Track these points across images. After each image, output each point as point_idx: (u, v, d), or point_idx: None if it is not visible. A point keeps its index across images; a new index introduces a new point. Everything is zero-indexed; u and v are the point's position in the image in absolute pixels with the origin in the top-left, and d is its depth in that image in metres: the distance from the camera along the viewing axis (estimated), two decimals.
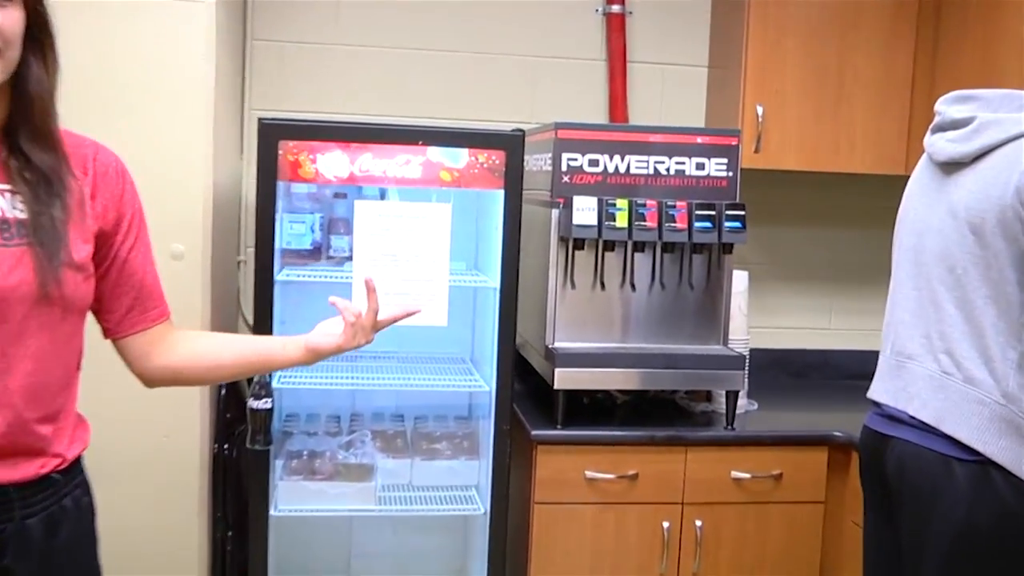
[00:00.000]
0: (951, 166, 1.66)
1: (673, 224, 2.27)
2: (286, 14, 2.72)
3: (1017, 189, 1.50)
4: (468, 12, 2.80)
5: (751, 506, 2.36)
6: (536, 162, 2.49)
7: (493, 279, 2.32)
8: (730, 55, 2.71)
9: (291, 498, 2.32)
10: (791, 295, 3.02)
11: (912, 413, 1.66)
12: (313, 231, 2.42)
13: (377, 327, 1.45)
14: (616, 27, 2.80)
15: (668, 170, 2.33)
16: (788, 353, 2.99)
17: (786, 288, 3.02)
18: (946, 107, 1.70)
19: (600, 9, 2.83)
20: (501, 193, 2.26)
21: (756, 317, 2.92)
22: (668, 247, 2.36)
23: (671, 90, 2.91)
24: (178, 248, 2.17)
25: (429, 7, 2.78)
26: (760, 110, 2.56)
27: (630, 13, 2.83)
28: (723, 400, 2.42)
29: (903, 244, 1.78)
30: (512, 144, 2.25)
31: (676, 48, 2.90)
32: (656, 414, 2.48)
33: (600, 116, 2.87)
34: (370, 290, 1.41)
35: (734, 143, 2.36)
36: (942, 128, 1.70)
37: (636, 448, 2.31)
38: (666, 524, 2.32)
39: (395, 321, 1.48)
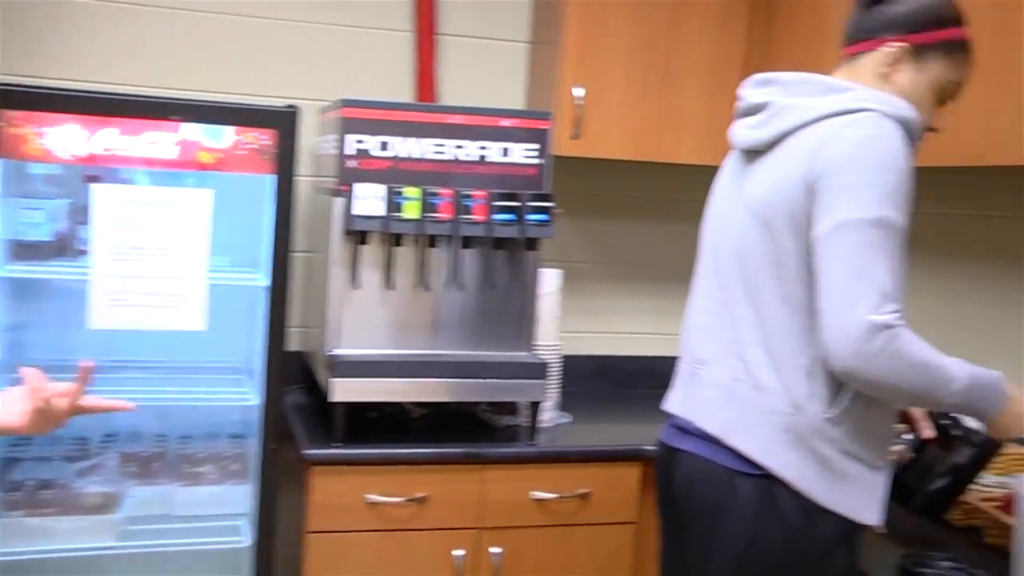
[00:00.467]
0: (751, 155, 1.58)
1: (470, 216, 2.04)
2: None
3: (804, 181, 1.42)
4: None
5: (555, 529, 2.16)
6: (326, 145, 2.21)
7: (265, 277, 2.03)
8: (552, 30, 2.48)
9: (9, 538, 1.95)
10: (618, 296, 2.82)
11: (700, 424, 1.58)
12: (56, 220, 2.07)
13: (77, 412, 1.27)
14: None
15: (469, 156, 2.09)
16: (612, 360, 2.81)
17: (613, 289, 2.81)
18: (747, 91, 1.63)
19: None
20: (268, 179, 1.96)
21: (578, 320, 2.75)
22: (467, 242, 2.11)
23: (488, 68, 2.65)
24: None
25: None
26: (580, 92, 2.35)
27: None
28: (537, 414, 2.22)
29: (705, 241, 1.69)
30: (284, 122, 1.97)
31: (495, 20, 2.64)
32: (455, 429, 2.25)
33: (407, 95, 2.59)
34: (84, 374, 1.23)
35: (545, 127, 2.14)
36: (743, 114, 1.62)
37: (425, 468, 2.07)
38: (459, 552, 2.09)
39: (103, 410, 1.32)
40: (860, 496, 1.49)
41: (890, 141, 1.40)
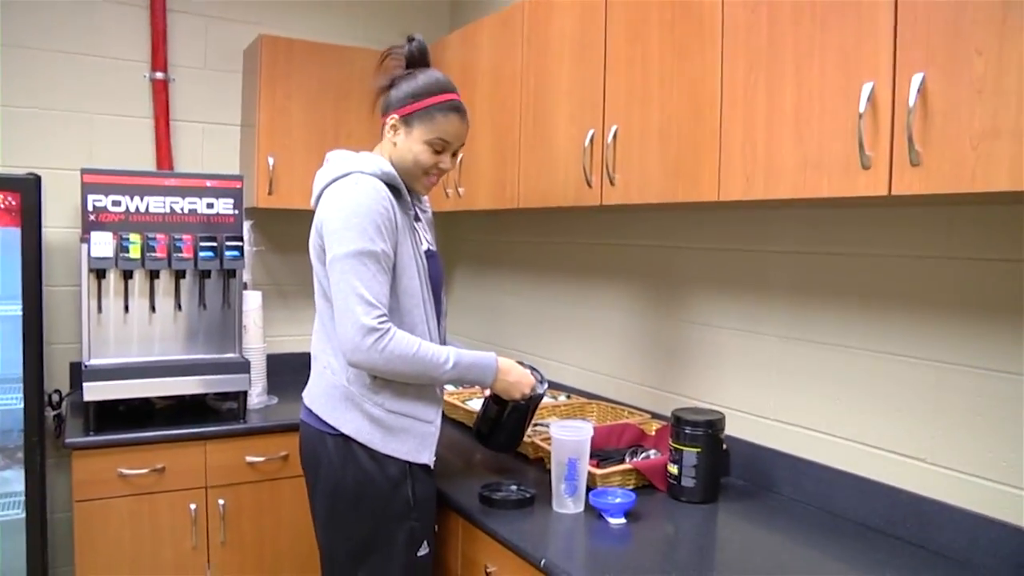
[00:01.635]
0: None
1: (180, 254, 2.74)
2: None
3: (317, 230, 1.92)
4: (32, 73, 3.10)
5: (265, 483, 2.86)
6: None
7: (16, 307, 2.61)
8: (251, 115, 3.25)
9: None
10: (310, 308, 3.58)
11: (306, 401, 2.05)
12: None
13: None
14: (160, 90, 3.26)
15: (183, 209, 2.80)
16: (305, 355, 3.53)
17: (310, 303, 3.56)
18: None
19: (147, 75, 3.26)
20: (18, 231, 2.56)
21: (286, 327, 3.55)
22: (183, 273, 2.82)
23: (212, 144, 3.43)
24: None
25: None
26: (271, 160, 3.12)
27: (172, 80, 3.31)
28: (250, 399, 2.93)
29: None
30: (27, 187, 2.58)
31: (215, 109, 3.43)
32: (189, 415, 2.90)
33: (150, 165, 3.30)
34: None
35: (238, 186, 2.87)
36: None
37: (162, 445, 2.70)
38: (193, 506, 2.75)
39: None
40: (412, 444, 1.95)
41: (364, 192, 1.85)
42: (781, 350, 2.23)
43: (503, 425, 2.13)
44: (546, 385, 2.14)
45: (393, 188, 1.94)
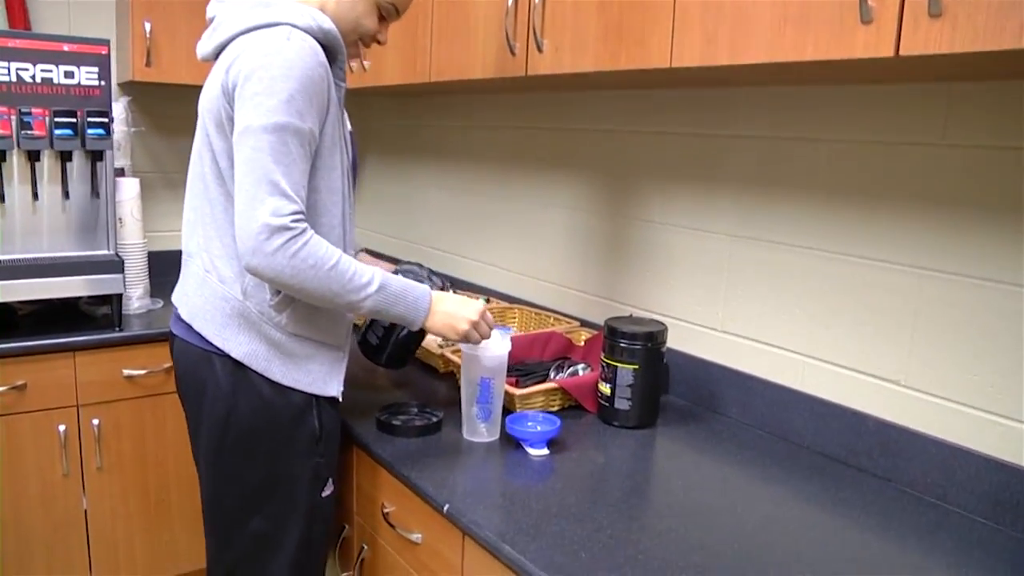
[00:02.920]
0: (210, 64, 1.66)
1: (31, 131, 2.30)
2: None
3: (224, 90, 1.49)
4: None
5: (146, 400, 2.51)
6: None
7: None
8: None
9: None
10: None
11: (180, 311, 1.67)
12: None
13: None
14: None
15: (34, 77, 2.33)
16: None
17: None
18: (209, 6, 1.67)
19: None
20: None
21: (170, 220, 3.14)
22: (37, 155, 2.39)
23: (81, 5, 2.91)
24: None
25: None
26: (148, 26, 2.65)
27: None
28: (129, 302, 2.55)
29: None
30: None
31: None
32: (59, 322, 2.51)
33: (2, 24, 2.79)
34: None
35: (104, 52, 2.41)
36: (206, 27, 1.67)
37: (22, 359, 2.33)
38: (62, 427, 2.39)
39: None
40: (319, 373, 1.61)
41: (296, 51, 1.44)
42: (732, 251, 1.91)
43: (397, 338, 1.78)
44: (450, 291, 1.81)
45: (328, 51, 1.54)
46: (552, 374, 2.01)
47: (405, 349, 1.82)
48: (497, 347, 1.69)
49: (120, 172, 2.71)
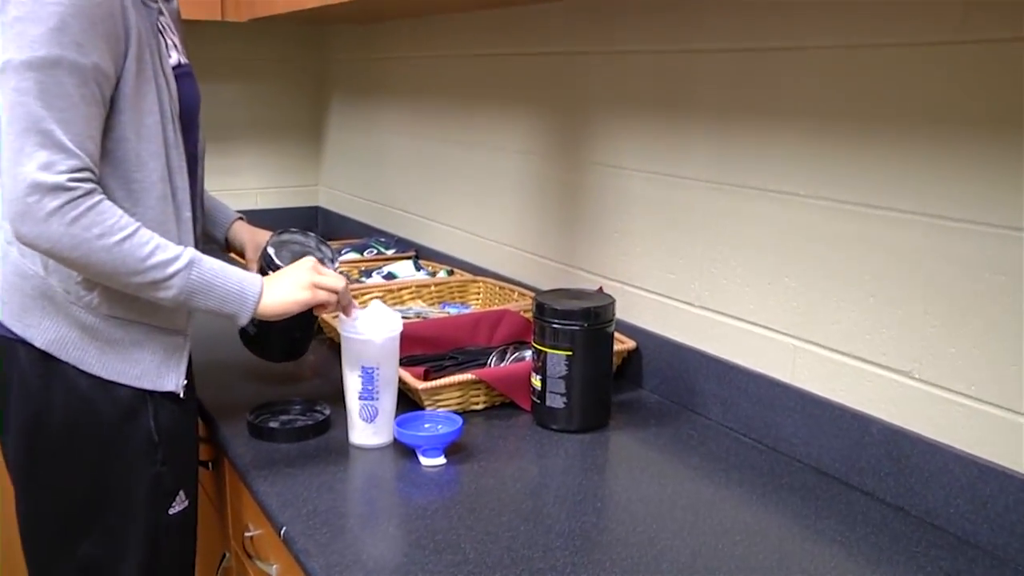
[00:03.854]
0: None
1: None
2: None
3: None
4: None
5: None
6: None
7: None
8: None
9: None
10: None
11: None
12: None
13: None
14: None
15: None
16: None
17: None
18: None
19: None
20: None
21: None
22: None
23: None
24: None
25: None
26: None
27: None
28: None
29: None
30: None
31: None
32: None
33: None
34: None
35: None
36: None
37: None
38: None
39: None
40: (148, 364, 1.30)
41: None
42: (709, 202, 1.49)
43: (278, 326, 1.31)
44: (337, 262, 1.45)
45: None
46: (492, 362, 1.62)
47: (291, 336, 1.48)
48: (377, 322, 1.32)
49: None
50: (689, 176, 1.52)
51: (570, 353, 1.38)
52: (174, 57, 1.32)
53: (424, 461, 1.29)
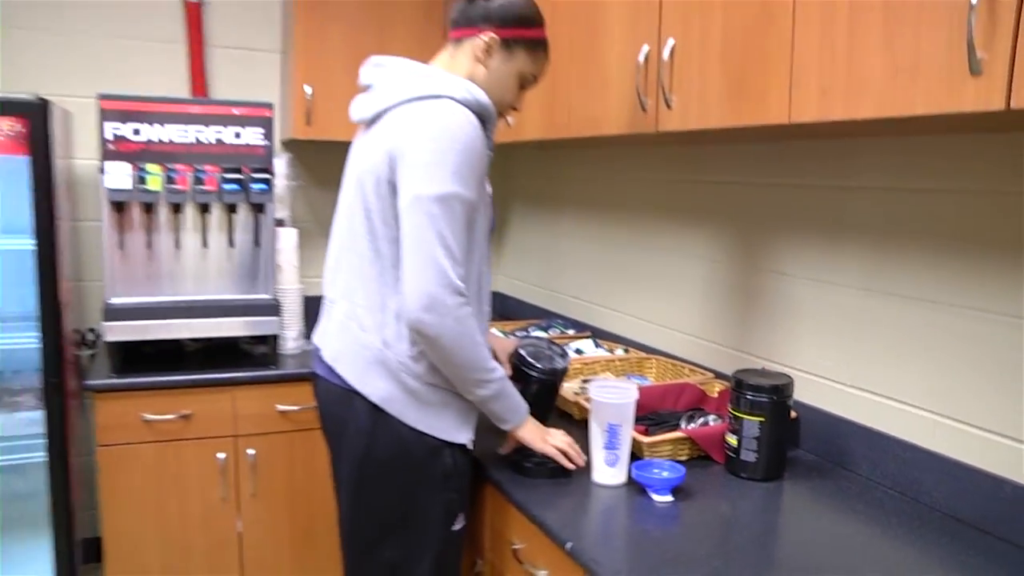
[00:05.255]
0: (364, 127, 1.78)
1: (203, 186, 2.54)
2: None
3: (388, 155, 1.61)
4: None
5: (297, 434, 2.69)
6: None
7: (27, 242, 2.41)
8: (288, 41, 3.00)
9: None
10: None
11: (322, 352, 1.78)
12: None
13: None
14: (193, 14, 3.04)
15: (208, 139, 2.59)
16: None
17: None
18: (363, 71, 1.79)
19: None
20: (26, 159, 2.34)
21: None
22: (207, 207, 2.63)
23: (249, 71, 3.19)
24: None
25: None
26: (309, 89, 2.88)
27: (207, 3, 3.08)
28: (284, 342, 2.75)
29: (339, 198, 1.88)
30: (34, 111, 2.34)
31: (251, 35, 3.18)
32: (220, 358, 2.74)
33: (185, 93, 3.09)
34: None
35: (268, 115, 2.64)
36: (361, 91, 1.81)
37: (189, 391, 2.56)
38: (221, 455, 2.60)
39: None
40: (450, 420, 1.70)
41: (459, 125, 1.56)
42: (861, 305, 1.90)
43: (530, 394, 1.83)
44: (568, 358, 1.89)
45: (480, 119, 1.67)
46: (683, 424, 2.04)
47: (541, 405, 1.88)
48: (623, 394, 1.75)
49: (280, 222, 2.93)
50: (844, 282, 1.94)
51: (762, 419, 1.80)
52: (489, 187, 1.78)
53: (656, 498, 1.70)
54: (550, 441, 1.77)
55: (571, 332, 2.92)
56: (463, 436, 1.73)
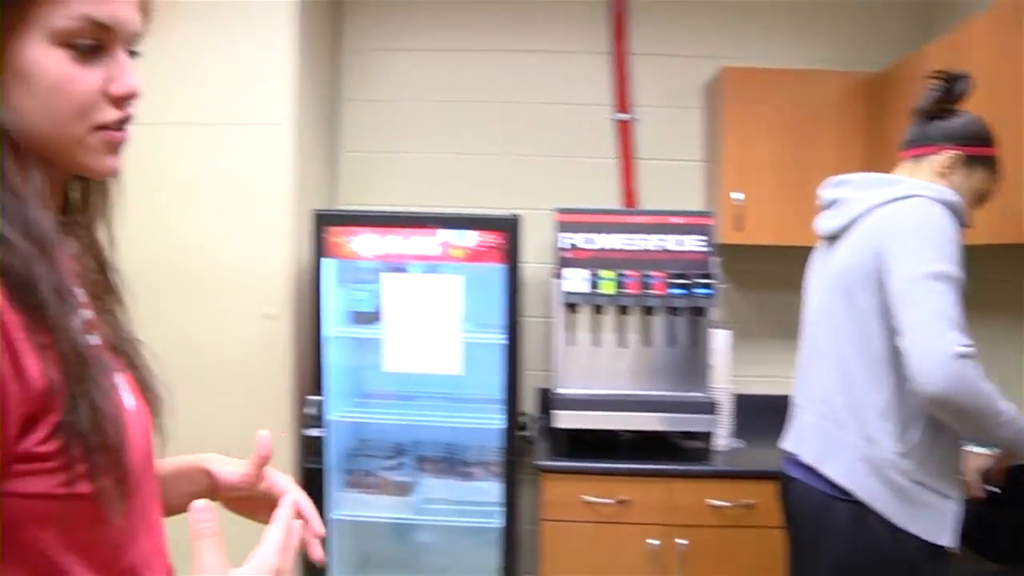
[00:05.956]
0: (830, 240, 1.92)
1: (651, 291, 2.77)
2: (370, 126, 3.43)
3: (874, 251, 1.72)
4: (505, 124, 3.42)
5: (726, 529, 2.75)
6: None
7: (502, 336, 2.80)
8: (715, 150, 3.20)
9: (346, 506, 2.92)
10: (781, 349, 3.16)
11: (800, 456, 1.89)
12: (376, 297, 2.94)
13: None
14: (624, 130, 3.36)
15: (653, 246, 2.83)
16: (778, 399, 3.11)
17: (777, 343, 3.32)
18: (826, 191, 1.96)
19: (611, 117, 3.39)
20: (503, 268, 2.76)
21: (751, 367, 3.34)
22: (651, 310, 2.85)
23: (675, 181, 3.41)
24: (271, 311, 2.79)
25: (469, 124, 3.42)
26: (740, 196, 3.02)
27: (636, 119, 3.39)
28: (716, 439, 2.87)
29: (805, 309, 2.04)
30: (508, 226, 2.76)
31: (676, 146, 3.42)
32: (652, 449, 2.90)
33: (615, 203, 3.41)
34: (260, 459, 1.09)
35: (709, 223, 2.83)
36: (823, 208, 1.98)
37: (627, 478, 2.75)
38: (654, 542, 2.74)
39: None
40: (934, 521, 1.71)
41: (939, 216, 1.69)
42: None
43: (1004, 525, 1.79)
44: None
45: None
46: None
47: (1015, 544, 1.83)
48: None
49: (714, 324, 3.08)
50: None
51: None
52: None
53: None
54: None
55: None
56: (945, 538, 1.71)
